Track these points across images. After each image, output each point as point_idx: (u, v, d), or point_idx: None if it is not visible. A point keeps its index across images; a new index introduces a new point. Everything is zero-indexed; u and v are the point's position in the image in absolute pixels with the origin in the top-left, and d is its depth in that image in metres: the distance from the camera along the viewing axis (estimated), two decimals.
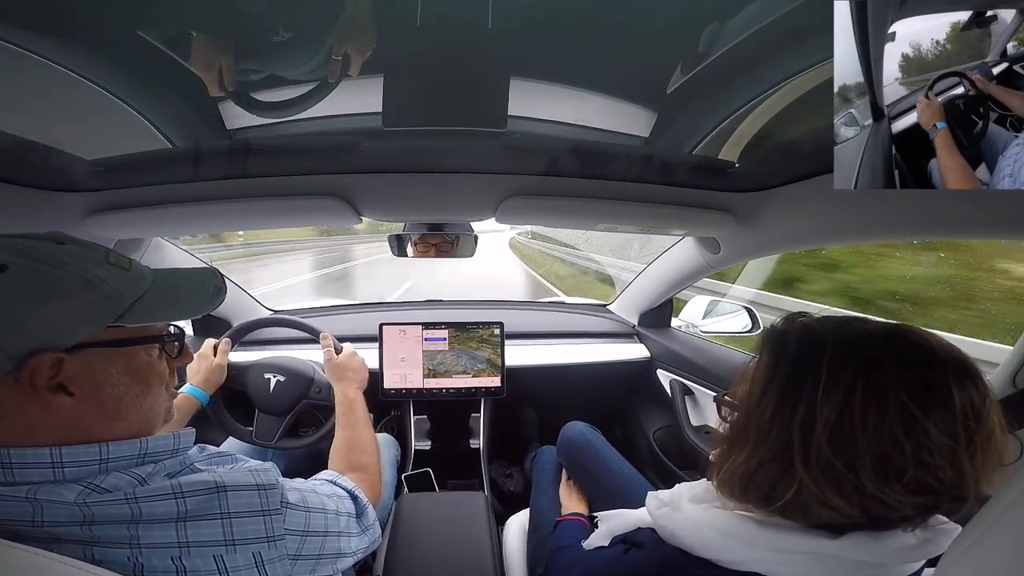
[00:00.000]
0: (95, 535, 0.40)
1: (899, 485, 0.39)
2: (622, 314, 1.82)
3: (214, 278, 0.55)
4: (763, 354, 0.48)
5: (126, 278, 0.46)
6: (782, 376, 0.44)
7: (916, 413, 0.38)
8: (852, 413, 0.40)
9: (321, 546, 0.53)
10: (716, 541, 0.48)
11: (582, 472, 1.08)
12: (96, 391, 0.44)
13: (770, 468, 0.44)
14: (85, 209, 0.87)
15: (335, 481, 0.66)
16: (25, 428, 0.42)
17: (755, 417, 0.45)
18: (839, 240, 1.00)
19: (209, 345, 1.13)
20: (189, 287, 0.53)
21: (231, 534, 0.44)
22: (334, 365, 1.02)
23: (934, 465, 0.38)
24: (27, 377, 0.40)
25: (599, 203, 0.91)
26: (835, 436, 0.40)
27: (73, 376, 0.42)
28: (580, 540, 0.75)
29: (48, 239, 0.44)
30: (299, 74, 0.57)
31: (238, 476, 0.46)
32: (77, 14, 0.45)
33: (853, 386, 0.40)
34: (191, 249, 1.37)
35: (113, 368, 0.46)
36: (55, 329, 0.41)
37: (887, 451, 0.39)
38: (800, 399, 0.42)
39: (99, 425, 0.45)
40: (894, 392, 0.39)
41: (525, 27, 0.48)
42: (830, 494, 0.41)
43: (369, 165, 0.84)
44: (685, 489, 0.58)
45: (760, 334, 0.51)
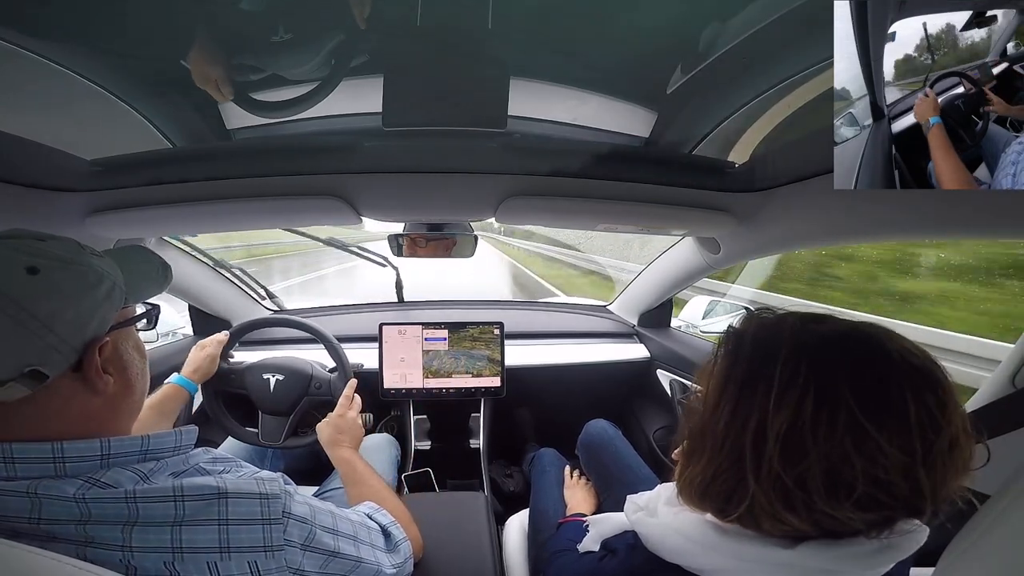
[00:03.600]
0: (90, 535, 0.40)
1: (849, 502, 0.37)
2: (622, 314, 1.82)
3: (152, 254, 0.58)
4: (720, 357, 0.45)
5: (111, 265, 0.48)
6: (736, 382, 0.42)
7: (868, 427, 0.36)
8: (803, 426, 0.37)
9: (324, 564, 0.52)
10: (682, 546, 0.47)
11: (601, 469, 1.08)
12: (124, 368, 0.49)
13: (725, 479, 0.42)
14: (85, 209, 0.87)
15: (371, 515, 0.66)
16: (79, 417, 0.45)
17: (711, 425, 0.43)
18: (839, 240, 1.00)
19: (209, 339, 1.13)
20: (143, 264, 0.56)
21: (226, 541, 0.43)
22: (328, 432, 0.92)
23: (887, 481, 0.36)
24: (90, 365, 0.44)
25: (599, 203, 0.91)
26: (786, 450, 0.38)
27: (109, 358, 0.47)
28: (577, 543, 0.75)
29: (30, 237, 0.44)
30: (299, 74, 0.57)
31: (242, 484, 0.46)
32: (77, 14, 0.45)
33: (804, 396, 0.38)
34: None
35: (128, 345, 0.50)
36: (97, 318, 0.44)
37: (837, 466, 0.37)
38: (753, 408, 0.40)
39: (128, 401, 0.50)
40: (844, 404, 0.37)
41: (525, 27, 0.48)
42: (780, 509, 0.39)
43: (369, 165, 0.84)
44: (664, 491, 0.57)
45: (719, 336, 0.47)
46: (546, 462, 1.22)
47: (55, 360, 0.42)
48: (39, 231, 0.45)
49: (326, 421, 0.95)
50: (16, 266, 0.40)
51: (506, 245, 15.03)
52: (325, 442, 0.91)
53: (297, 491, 0.52)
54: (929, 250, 3.80)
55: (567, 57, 0.54)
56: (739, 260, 1.24)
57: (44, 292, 0.41)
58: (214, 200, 0.88)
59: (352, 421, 0.95)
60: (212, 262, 1.43)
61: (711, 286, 3.70)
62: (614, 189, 0.89)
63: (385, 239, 1.20)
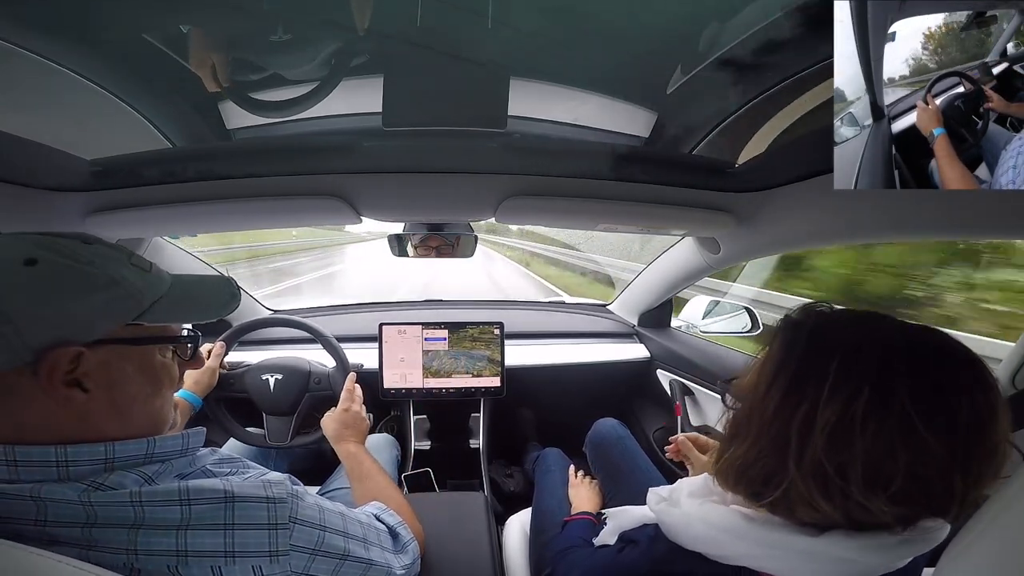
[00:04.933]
0: (94, 538, 0.40)
1: (885, 495, 0.39)
2: (622, 314, 1.82)
3: (229, 286, 0.56)
4: (774, 345, 0.47)
5: (147, 279, 0.47)
6: (790, 371, 0.44)
7: (918, 424, 0.37)
8: (853, 418, 0.39)
9: (336, 569, 0.51)
10: (706, 534, 0.48)
11: (610, 467, 1.09)
12: (110, 388, 0.45)
13: (766, 463, 0.44)
14: (85, 209, 0.87)
15: (379, 515, 0.66)
16: (37, 422, 0.42)
17: (758, 409, 0.45)
18: (839, 240, 1.00)
19: (203, 349, 1.13)
20: (206, 292, 0.54)
21: (232, 545, 0.43)
22: (333, 427, 0.93)
23: (925, 478, 0.38)
24: (46, 370, 0.40)
25: (599, 203, 0.91)
26: (832, 440, 0.39)
27: (90, 371, 0.43)
28: (587, 539, 0.75)
29: (75, 238, 0.44)
30: (299, 74, 0.57)
31: (249, 487, 0.46)
32: (77, 14, 0.45)
33: (859, 391, 0.39)
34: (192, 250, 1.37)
35: (129, 366, 0.46)
36: (78, 323, 0.42)
37: (880, 460, 0.38)
38: (804, 397, 0.41)
39: (109, 423, 0.45)
40: (899, 402, 0.38)
41: (525, 27, 0.48)
42: (817, 496, 0.41)
43: (369, 165, 0.84)
44: (685, 484, 0.59)
45: (776, 323, 0.49)
46: (551, 461, 1.22)
47: (1, 354, 0.39)
48: (95, 236, 0.46)
49: (330, 416, 0.95)
50: (17, 255, 0.40)
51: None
52: (331, 437, 0.91)
53: (306, 492, 0.52)
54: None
55: (567, 57, 0.54)
56: (739, 260, 1.24)
57: (25, 285, 0.40)
58: (214, 200, 0.87)
59: (356, 415, 0.96)
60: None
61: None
62: (614, 189, 0.89)
63: (384, 237, 1.20)
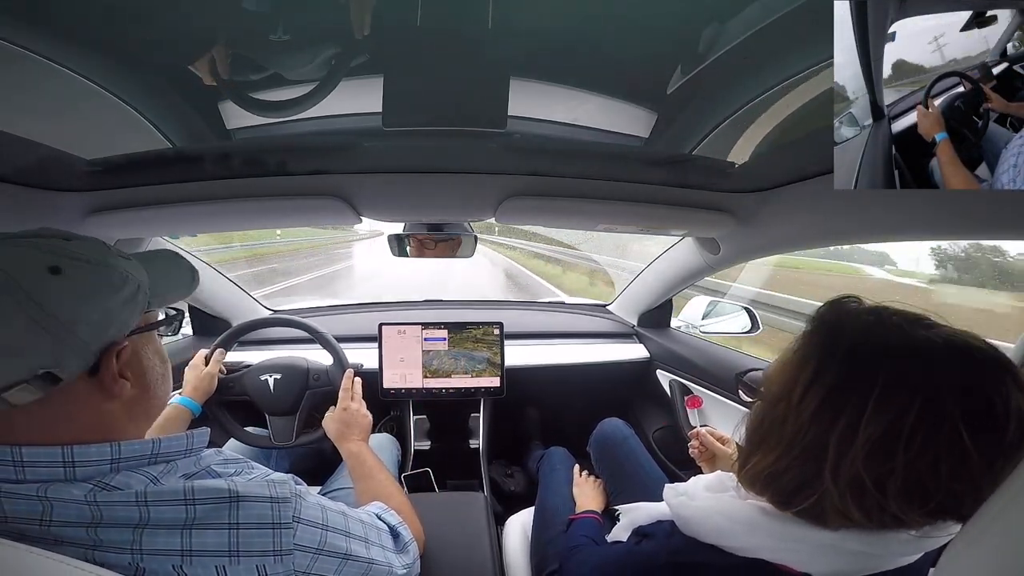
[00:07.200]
0: (99, 538, 0.40)
1: (922, 509, 0.37)
2: (622, 314, 1.82)
3: (181, 259, 0.57)
4: (810, 346, 0.43)
5: (137, 268, 0.48)
6: (830, 378, 0.40)
7: (967, 443, 0.35)
8: (899, 433, 0.36)
9: (339, 568, 0.52)
10: (723, 527, 0.48)
11: (615, 466, 1.09)
12: (143, 374, 0.49)
13: (797, 473, 0.42)
14: (85, 209, 0.87)
15: (380, 515, 0.66)
16: (94, 420, 0.44)
17: (792, 416, 0.42)
18: (839, 240, 1.00)
19: (200, 356, 1.12)
20: (171, 270, 0.55)
21: (236, 545, 0.43)
22: (334, 427, 0.93)
23: (961, 492, 0.37)
24: (107, 369, 0.43)
25: (599, 203, 0.91)
26: (873, 453, 0.37)
27: (128, 362, 0.46)
28: (594, 538, 0.75)
29: (56, 236, 0.44)
30: (299, 74, 0.56)
31: (253, 487, 0.46)
32: (77, 13, 0.45)
33: (909, 405, 0.36)
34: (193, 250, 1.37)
35: (149, 350, 0.50)
36: (119, 320, 0.44)
37: (921, 474, 0.36)
38: (845, 408, 0.38)
39: (145, 406, 0.49)
40: (950, 418, 0.35)
41: (525, 27, 0.48)
42: (851, 507, 0.39)
43: (369, 165, 0.84)
44: (702, 480, 0.59)
45: (809, 320, 0.46)
46: (556, 460, 1.22)
47: (71, 363, 0.41)
48: (65, 230, 0.45)
49: (330, 416, 0.95)
50: (39, 265, 0.40)
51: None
52: (333, 437, 0.91)
53: (309, 492, 0.52)
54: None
55: (567, 57, 0.54)
56: (739, 261, 1.24)
57: (66, 292, 0.40)
58: (214, 200, 0.88)
59: (356, 412, 0.95)
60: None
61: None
62: (614, 189, 0.89)
63: (381, 236, 1.20)
